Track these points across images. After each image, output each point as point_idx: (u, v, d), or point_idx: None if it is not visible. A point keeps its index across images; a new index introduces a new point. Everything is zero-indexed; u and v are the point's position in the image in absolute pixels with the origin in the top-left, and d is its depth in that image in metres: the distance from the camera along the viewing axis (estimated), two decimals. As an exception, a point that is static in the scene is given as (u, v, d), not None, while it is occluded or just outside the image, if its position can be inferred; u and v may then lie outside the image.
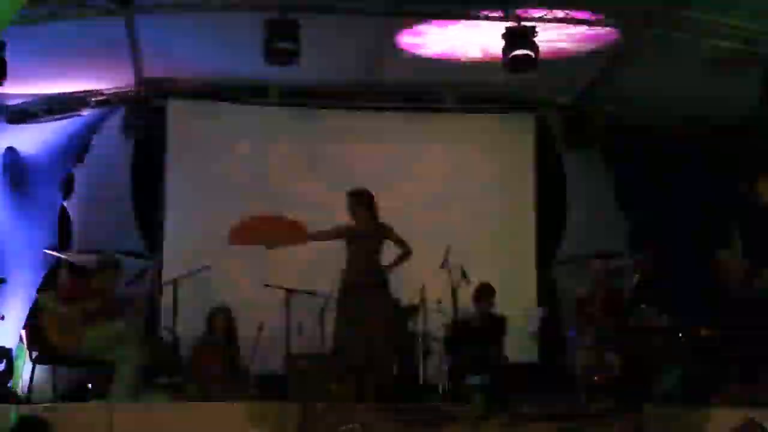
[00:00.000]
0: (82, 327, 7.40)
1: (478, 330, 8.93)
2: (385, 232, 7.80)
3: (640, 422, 6.45)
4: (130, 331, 7.49)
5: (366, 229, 7.75)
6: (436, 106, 11.29)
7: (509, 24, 8.73)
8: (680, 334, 8.41)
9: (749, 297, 7.65)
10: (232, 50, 9.72)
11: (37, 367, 7.73)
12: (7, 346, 8.66)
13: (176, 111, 10.76)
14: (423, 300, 8.97)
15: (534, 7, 8.74)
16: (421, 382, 8.72)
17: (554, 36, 9.09)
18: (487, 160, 11.25)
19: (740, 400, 6.93)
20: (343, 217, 8.05)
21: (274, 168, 10.91)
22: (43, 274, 10.12)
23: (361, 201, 7.79)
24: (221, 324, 8.49)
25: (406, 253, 7.73)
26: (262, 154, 10.98)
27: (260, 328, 9.07)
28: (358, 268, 7.46)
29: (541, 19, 8.79)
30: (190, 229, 10.62)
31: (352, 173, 10.05)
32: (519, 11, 8.68)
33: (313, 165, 10.89)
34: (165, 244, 10.54)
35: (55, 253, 10.24)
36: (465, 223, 10.88)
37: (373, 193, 8.02)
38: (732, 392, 7.11)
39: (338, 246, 8.00)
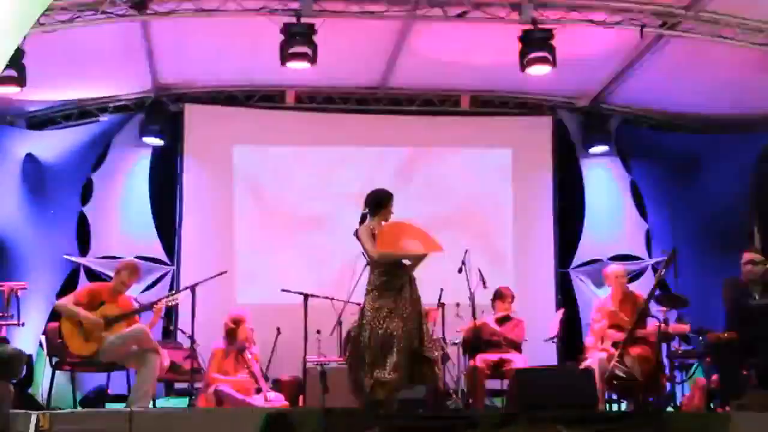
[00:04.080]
0: (100, 333, 7.41)
1: (497, 334, 8.89)
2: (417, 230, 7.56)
3: (660, 426, 6.40)
4: (148, 337, 7.49)
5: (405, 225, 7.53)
6: (453, 109, 11.29)
7: (526, 26, 8.71)
8: (700, 338, 8.35)
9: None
10: (248, 55, 9.74)
11: (57, 372, 7.75)
12: (27, 351, 8.69)
13: (193, 116, 10.79)
14: (441, 304, 8.95)
15: (551, 9, 8.72)
16: (440, 386, 8.68)
17: (571, 38, 9.05)
18: (505, 163, 11.22)
19: (760, 404, 6.88)
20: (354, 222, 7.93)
21: (290, 172, 10.91)
22: (62, 279, 10.16)
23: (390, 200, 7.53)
24: (242, 329, 8.49)
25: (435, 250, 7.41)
26: (279, 158, 10.97)
27: (278, 334, 9.08)
28: (386, 268, 7.24)
29: (557, 21, 8.77)
30: (207, 234, 10.65)
31: (368, 177, 10.03)
32: (535, 13, 8.66)
33: (329, 169, 10.88)
34: (183, 249, 10.57)
35: (74, 259, 10.29)
36: (483, 226, 10.86)
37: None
38: (752, 397, 7.06)
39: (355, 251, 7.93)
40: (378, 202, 7.24)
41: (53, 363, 7.71)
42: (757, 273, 7.71)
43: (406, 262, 7.15)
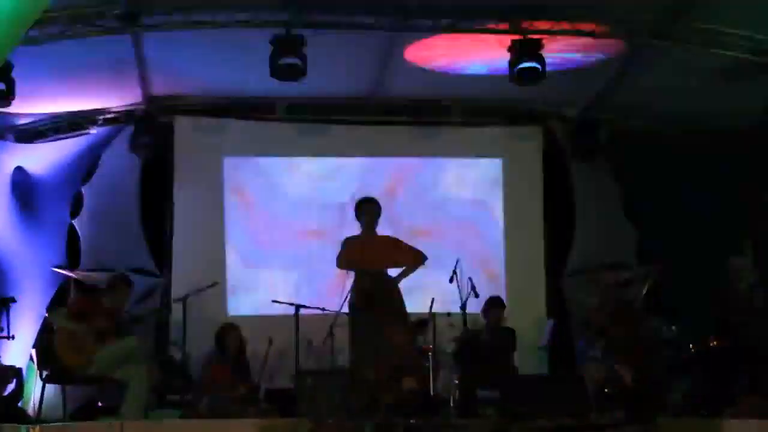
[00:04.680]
0: (92, 345, 7.39)
1: (488, 343, 8.91)
2: (394, 242, 7.66)
3: (652, 434, 6.42)
4: (140, 349, 7.47)
5: (376, 239, 7.59)
6: (443, 119, 11.30)
7: (516, 37, 8.75)
8: (690, 345, 8.38)
9: (758, 307, 7.63)
10: (239, 67, 9.75)
11: (48, 386, 7.72)
12: (18, 365, 8.67)
13: (183, 128, 10.78)
14: (432, 314, 8.95)
15: (540, 20, 8.75)
16: (431, 396, 8.69)
17: (560, 48, 9.10)
18: (495, 172, 11.25)
19: (752, 410, 6.90)
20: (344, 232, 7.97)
21: (280, 183, 10.92)
22: (52, 293, 10.13)
23: (377, 209, 7.56)
24: (231, 340, 8.48)
25: (418, 261, 7.43)
26: (269, 169, 10.98)
27: (270, 344, 9.07)
28: (368, 280, 7.29)
29: (547, 32, 8.80)
30: (198, 246, 10.63)
31: (358, 187, 10.04)
32: (525, 24, 8.69)
33: (320, 179, 10.90)
34: (173, 261, 10.55)
35: (64, 272, 10.26)
36: (474, 235, 10.87)
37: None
38: (743, 403, 7.08)
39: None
40: (355, 210, 7.34)
41: (43, 376, 7.69)
42: (746, 280, 7.75)
43: (392, 273, 7.17)
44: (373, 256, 7.14)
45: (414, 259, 7.25)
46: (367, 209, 7.33)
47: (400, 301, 7.28)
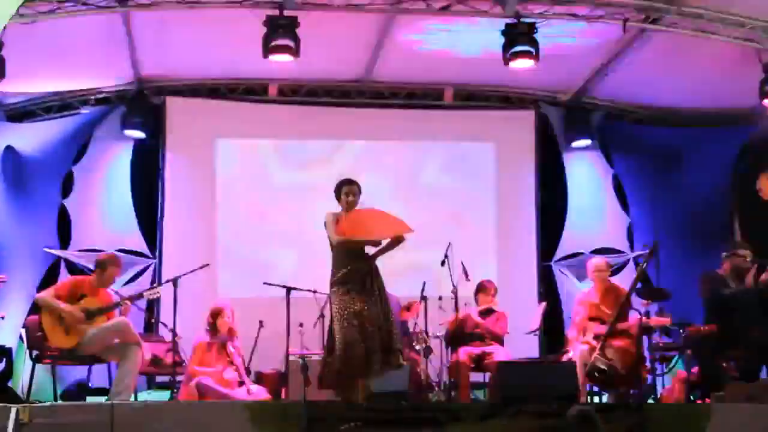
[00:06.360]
0: (82, 326, 7.37)
1: (479, 327, 8.91)
2: (379, 213, 7.55)
3: (640, 418, 6.42)
4: (129, 330, 7.46)
5: (362, 213, 7.53)
6: (436, 103, 11.28)
7: (509, 20, 8.72)
8: (681, 331, 8.38)
9: (749, 294, 7.62)
10: (231, 47, 9.70)
11: (37, 366, 7.71)
12: (7, 345, 8.64)
13: (175, 109, 10.73)
14: (424, 297, 8.95)
15: (534, 3, 8.73)
16: (423, 379, 8.70)
17: (554, 32, 9.07)
18: (487, 156, 11.24)
19: (740, 396, 6.92)
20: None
21: (272, 165, 10.90)
22: (42, 272, 10.10)
23: (357, 191, 7.52)
24: (221, 322, 8.46)
25: (403, 230, 7.35)
26: (261, 151, 10.95)
27: (260, 327, 9.05)
28: (348, 259, 7.23)
29: (541, 15, 8.78)
30: (189, 227, 10.60)
31: (350, 170, 10.01)
32: (519, 7, 8.67)
33: (311, 162, 10.87)
34: (165, 242, 10.53)
35: (54, 252, 10.23)
36: (465, 219, 10.87)
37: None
38: (732, 389, 7.09)
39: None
40: (335, 191, 7.28)
41: (33, 356, 7.67)
42: (738, 266, 7.75)
43: (370, 251, 7.12)
44: (363, 230, 7.10)
45: (400, 228, 7.18)
46: (348, 190, 7.28)
47: (378, 279, 7.22)
